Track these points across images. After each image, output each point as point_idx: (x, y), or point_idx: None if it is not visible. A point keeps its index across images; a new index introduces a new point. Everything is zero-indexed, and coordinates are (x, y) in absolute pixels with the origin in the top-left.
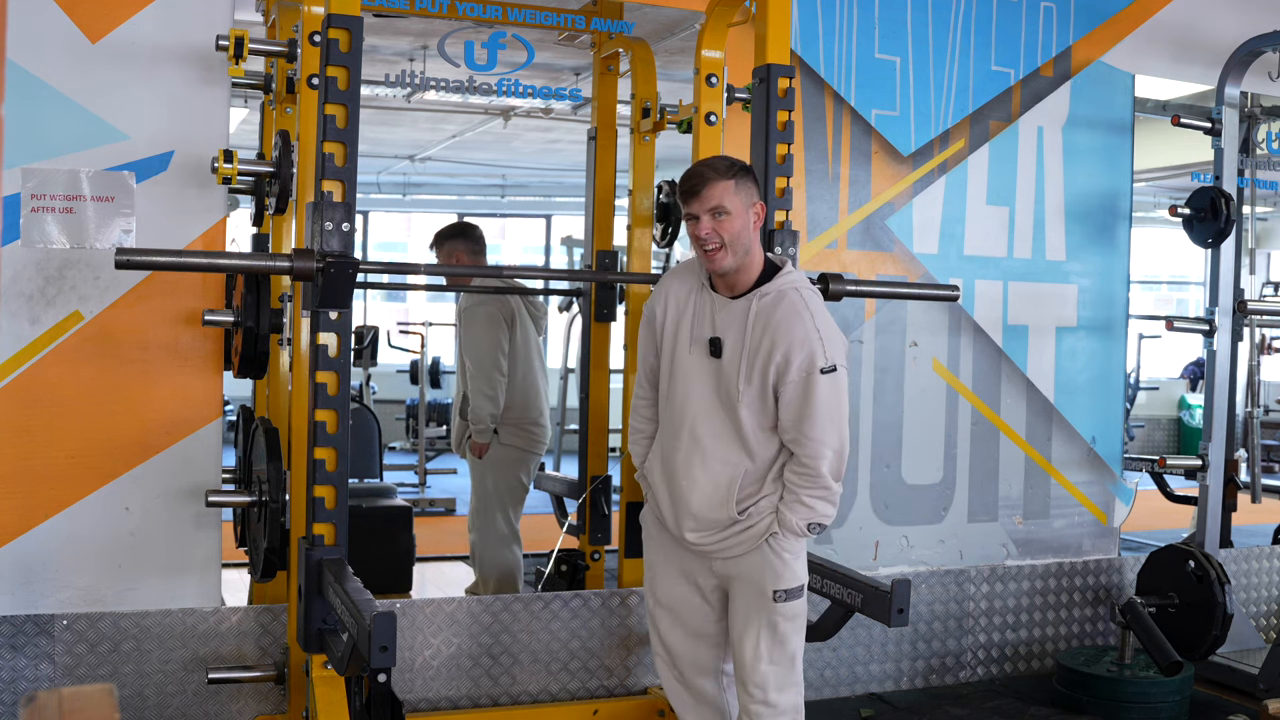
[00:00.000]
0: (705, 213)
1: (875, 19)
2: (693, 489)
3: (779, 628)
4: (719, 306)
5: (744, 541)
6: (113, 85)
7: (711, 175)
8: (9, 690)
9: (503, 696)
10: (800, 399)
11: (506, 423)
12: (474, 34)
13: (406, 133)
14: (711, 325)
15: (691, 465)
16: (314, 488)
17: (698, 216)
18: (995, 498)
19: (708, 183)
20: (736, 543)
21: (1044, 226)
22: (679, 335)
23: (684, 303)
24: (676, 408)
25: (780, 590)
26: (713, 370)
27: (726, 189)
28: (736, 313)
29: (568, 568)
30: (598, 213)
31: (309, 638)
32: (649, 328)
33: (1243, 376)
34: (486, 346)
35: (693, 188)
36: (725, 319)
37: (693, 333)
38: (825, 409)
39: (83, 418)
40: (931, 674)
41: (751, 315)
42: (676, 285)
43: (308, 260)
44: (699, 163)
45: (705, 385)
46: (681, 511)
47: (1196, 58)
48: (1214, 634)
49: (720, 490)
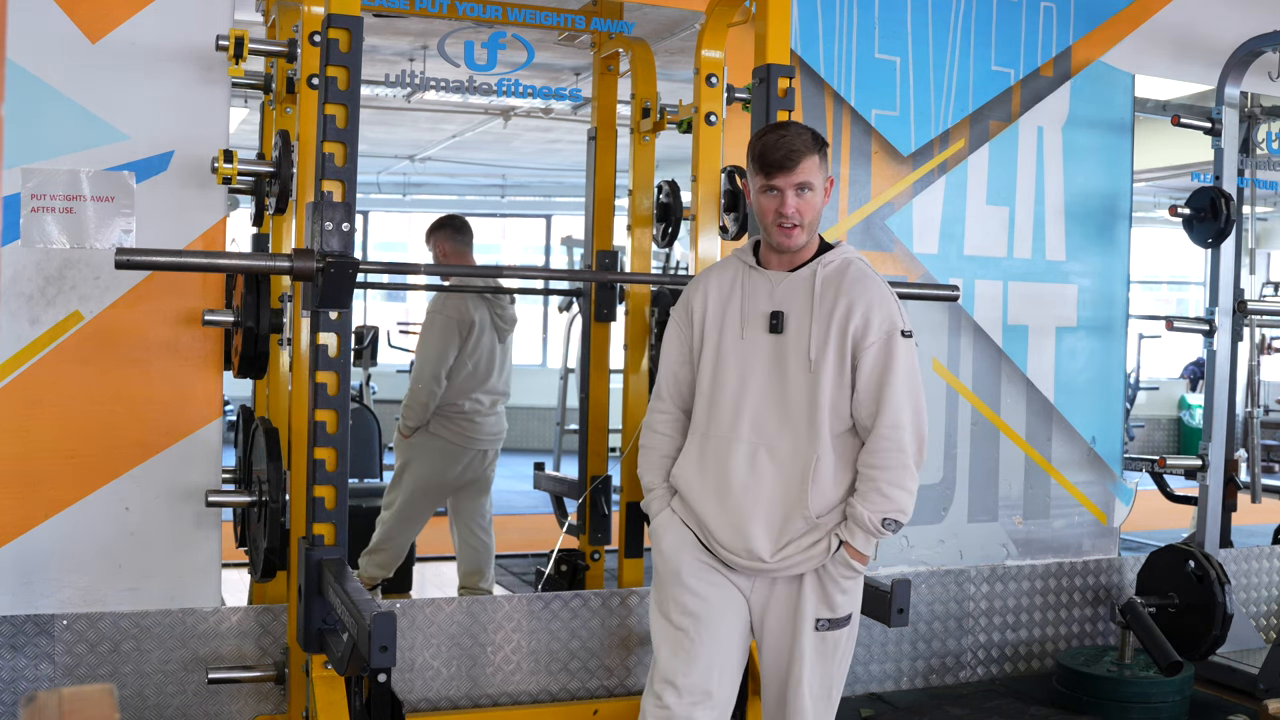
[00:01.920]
0: (791, 188)
1: (875, 19)
2: (760, 487)
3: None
4: (777, 281)
5: (813, 557)
6: (113, 85)
7: (802, 148)
8: (9, 690)
9: (503, 696)
10: (882, 363)
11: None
12: (474, 34)
13: (406, 133)
14: (770, 300)
15: (757, 460)
16: (314, 488)
17: (781, 191)
18: (995, 498)
19: (801, 157)
20: (805, 558)
21: (1044, 226)
22: (725, 322)
23: (729, 288)
24: (729, 400)
25: (824, 619)
26: (773, 348)
27: (814, 164)
28: (799, 282)
29: (568, 568)
30: (598, 213)
31: (309, 638)
32: (683, 327)
33: (1243, 376)
34: (432, 356)
35: (781, 161)
36: (786, 291)
37: (744, 314)
38: (907, 376)
39: (83, 418)
40: (931, 674)
41: (819, 282)
42: (717, 276)
43: (308, 260)
44: (775, 131)
45: (765, 366)
46: (743, 522)
47: (1196, 58)
48: (1214, 634)
49: (794, 485)
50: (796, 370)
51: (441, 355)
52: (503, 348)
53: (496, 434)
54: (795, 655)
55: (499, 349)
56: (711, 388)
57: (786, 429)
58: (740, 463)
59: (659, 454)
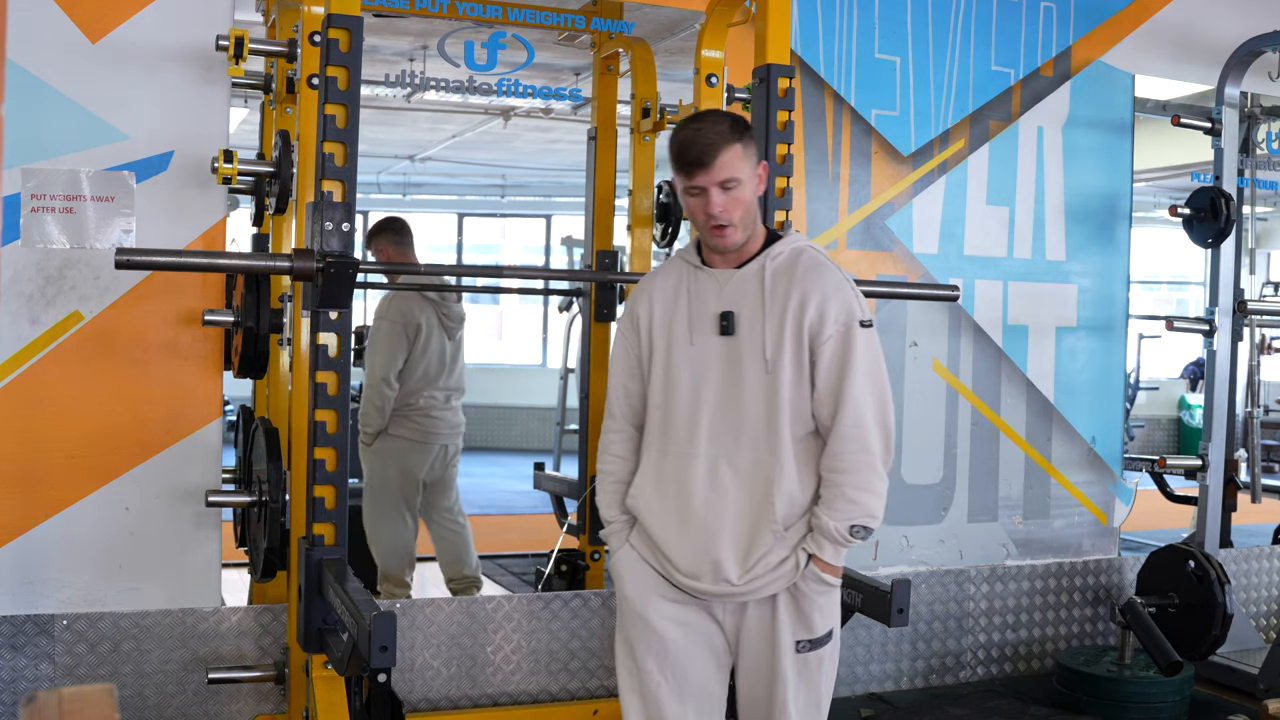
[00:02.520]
0: (714, 186)
1: (875, 19)
2: (724, 503)
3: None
4: (724, 279)
5: (782, 576)
6: (113, 85)
7: (718, 140)
8: (9, 690)
9: (503, 696)
10: (840, 356)
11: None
12: (474, 34)
13: (406, 133)
14: (718, 300)
15: (718, 474)
16: (314, 488)
17: (704, 190)
18: (995, 498)
19: (718, 151)
20: (773, 578)
21: (1044, 226)
22: (674, 328)
23: (674, 292)
24: (683, 412)
25: (805, 640)
26: (726, 351)
27: (735, 156)
28: (748, 278)
29: (568, 568)
30: (598, 213)
31: (309, 638)
32: (629, 337)
33: (1243, 376)
34: (381, 362)
35: (698, 157)
36: (735, 289)
37: (692, 318)
38: (868, 369)
39: (83, 418)
40: (931, 674)
41: (768, 275)
42: (661, 279)
43: (308, 260)
44: (690, 124)
45: (719, 371)
46: (709, 542)
47: (1196, 58)
48: (1214, 634)
49: (758, 497)
50: (752, 373)
51: (389, 360)
52: (453, 345)
53: (455, 427)
54: (778, 680)
55: (448, 347)
56: (664, 400)
57: (746, 437)
58: (700, 479)
59: (614, 479)
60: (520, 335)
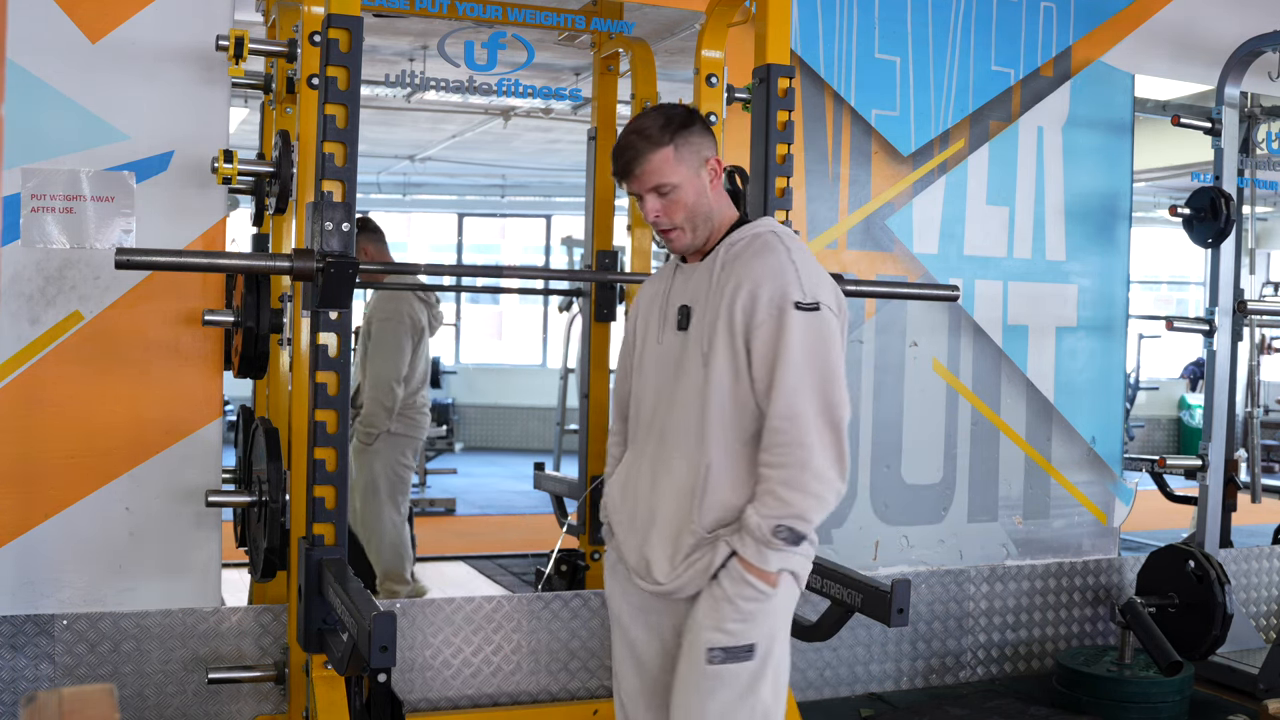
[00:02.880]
0: (648, 193)
1: (875, 19)
2: (659, 502)
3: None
4: (688, 274)
5: (698, 575)
6: (113, 85)
7: (644, 145)
8: (9, 690)
9: (502, 696)
10: (772, 342)
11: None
12: (474, 34)
13: (406, 133)
14: (681, 295)
15: (657, 473)
16: (314, 488)
17: (640, 197)
18: (995, 498)
19: (641, 157)
20: (695, 575)
21: (1044, 226)
22: (649, 327)
23: (658, 290)
24: (645, 410)
25: (717, 649)
26: (680, 346)
27: (663, 160)
28: (703, 270)
29: (568, 568)
30: (598, 213)
31: (309, 638)
32: (626, 339)
33: (1243, 376)
34: (391, 365)
35: (624, 168)
36: (695, 282)
37: (665, 316)
38: (805, 356)
39: (83, 418)
40: (931, 674)
41: (718, 265)
42: (653, 279)
43: (308, 260)
44: (626, 129)
45: (672, 367)
46: (644, 541)
47: (1196, 58)
48: (1214, 634)
49: (684, 497)
50: (693, 368)
51: (401, 361)
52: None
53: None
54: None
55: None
56: (636, 398)
57: (680, 433)
58: (644, 478)
59: (610, 481)
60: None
